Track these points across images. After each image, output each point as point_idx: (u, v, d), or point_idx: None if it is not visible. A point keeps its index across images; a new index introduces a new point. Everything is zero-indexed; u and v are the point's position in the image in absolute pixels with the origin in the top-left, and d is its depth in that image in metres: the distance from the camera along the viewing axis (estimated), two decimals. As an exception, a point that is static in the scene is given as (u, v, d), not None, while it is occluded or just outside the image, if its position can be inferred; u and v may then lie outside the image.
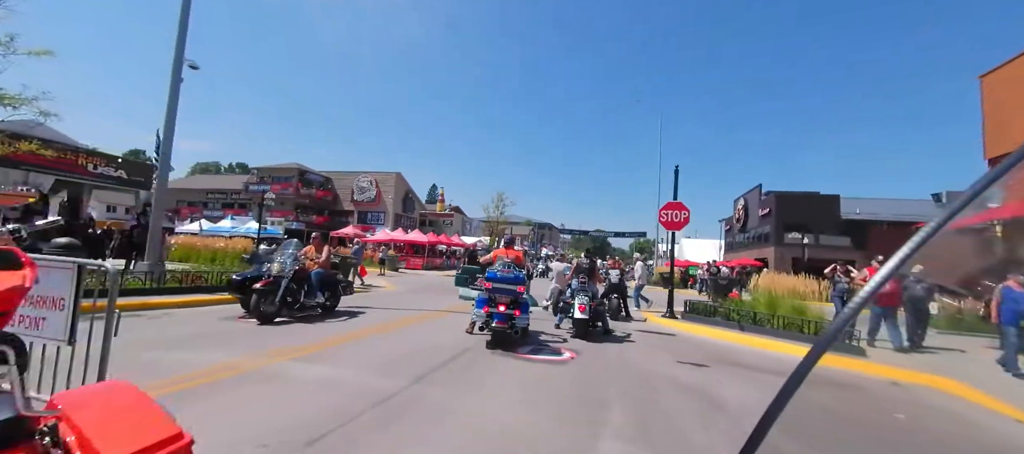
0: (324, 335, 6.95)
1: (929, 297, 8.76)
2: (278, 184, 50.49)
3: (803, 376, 0.59)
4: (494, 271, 6.69)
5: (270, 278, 7.78)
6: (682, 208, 12.00)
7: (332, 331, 7.40)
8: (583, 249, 10.56)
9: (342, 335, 7.04)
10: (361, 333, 7.32)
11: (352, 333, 7.29)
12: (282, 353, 5.58)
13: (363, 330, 7.55)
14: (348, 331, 7.47)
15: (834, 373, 7.48)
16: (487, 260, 7.56)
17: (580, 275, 8.32)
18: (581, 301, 7.92)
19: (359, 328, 7.78)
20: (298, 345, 6.10)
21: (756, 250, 36.07)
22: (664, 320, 11.57)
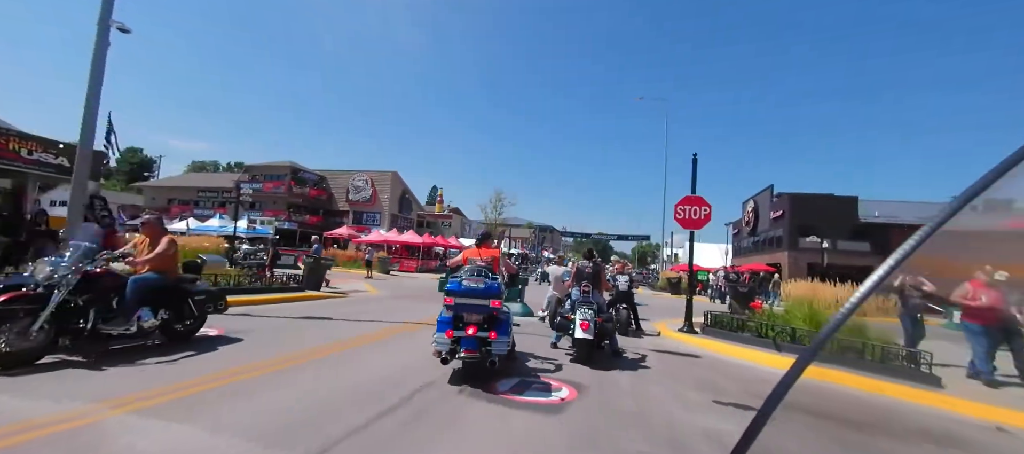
0: (200, 372, 4.60)
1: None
2: (271, 182, 49.01)
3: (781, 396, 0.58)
4: (457, 280, 4.96)
5: (34, 289, 4.68)
6: (702, 203, 10.25)
7: (214, 365, 4.93)
8: (584, 250, 8.47)
9: (221, 373, 4.60)
10: (265, 367, 4.98)
11: (241, 370, 4.78)
12: (115, 404, 3.79)
13: (280, 359, 5.45)
14: (233, 365, 4.91)
15: (921, 416, 5.73)
16: (455, 263, 5.83)
17: (582, 282, 6.58)
18: (583, 316, 6.18)
19: (268, 358, 5.34)
20: (144, 391, 3.99)
21: (768, 255, 34.25)
22: (682, 336, 9.80)
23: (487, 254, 5.56)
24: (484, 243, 5.81)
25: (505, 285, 6.18)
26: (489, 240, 5.84)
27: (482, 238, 5.87)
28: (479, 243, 5.81)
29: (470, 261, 5.60)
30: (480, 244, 5.79)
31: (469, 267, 5.26)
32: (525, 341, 7.66)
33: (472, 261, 5.57)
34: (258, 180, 49.68)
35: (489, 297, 4.81)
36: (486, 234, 5.93)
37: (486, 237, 5.87)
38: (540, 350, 7.09)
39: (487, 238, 5.85)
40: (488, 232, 5.96)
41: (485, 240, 5.83)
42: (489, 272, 5.09)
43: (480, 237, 5.88)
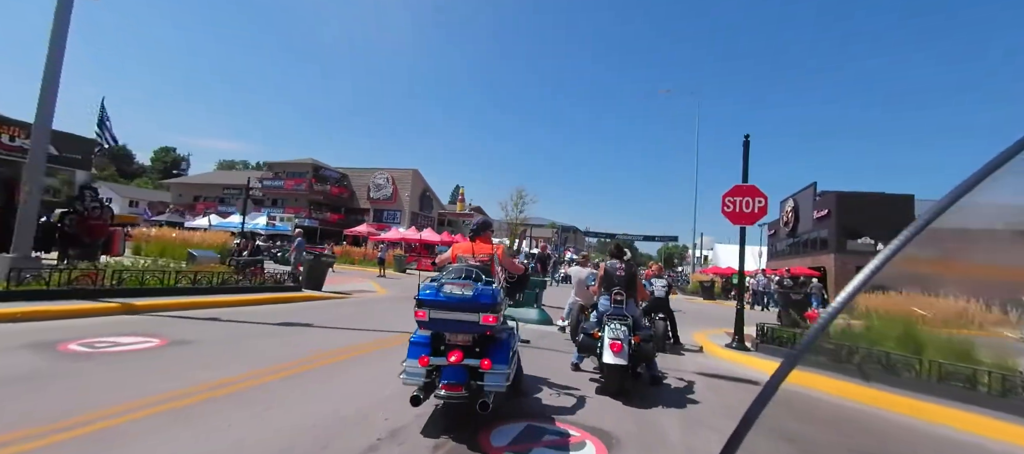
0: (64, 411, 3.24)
1: None
2: (292, 180, 48.81)
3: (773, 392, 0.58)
4: (433, 287, 3.50)
5: None
6: (755, 193, 8.54)
7: (95, 399, 3.61)
8: (611, 247, 6.90)
9: (94, 413, 3.20)
10: (170, 400, 3.67)
11: (129, 406, 3.44)
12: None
13: (202, 387, 4.09)
14: (128, 398, 3.58)
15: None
16: (444, 260, 4.38)
17: (613, 289, 5.01)
18: (614, 335, 4.63)
19: (186, 387, 4.00)
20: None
21: (810, 258, 31.70)
22: (731, 353, 8.12)
23: (483, 250, 4.09)
24: (479, 235, 4.34)
25: (511, 289, 4.72)
26: (486, 231, 4.38)
27: (477, 229, 4.38)
28: (474, 235, 4.34)
29: (460, 259, 4.15)
30: (475, 236, 4.31)
31: (456, 267, 3.80)
32: (539, 359, 6.16)
33: (463, 259, 4.12)
34: (280, 178, 49.63)
35: (480, 310, 3.34)
36: (483, 223, 4.46)
37: (482, 228, 4.39)
38: (558, 372, 5.58)
39: (484, 229, 4.38)
40: (486, 221, 4.49)
41: (481, 232, 4.36)
42: (483, 274, 3.62)
43: (475, 228, 4.41)
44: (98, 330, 5.82)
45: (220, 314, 7.90)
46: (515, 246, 39.89)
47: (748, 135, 8.72)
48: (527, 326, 9.40)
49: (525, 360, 5.48)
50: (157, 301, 7.96)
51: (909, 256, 0.56)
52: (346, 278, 18.66)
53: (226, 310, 8.37)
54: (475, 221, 4.49)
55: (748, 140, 8.71)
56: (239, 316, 7.89)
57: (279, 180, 49.35)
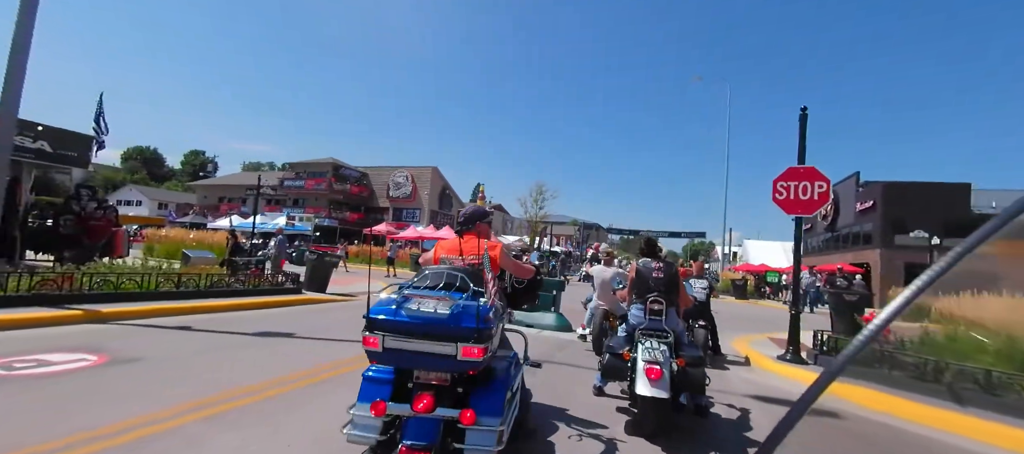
0: None
1: None
2: (313, 179, 48.78)
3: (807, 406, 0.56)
4: (390, 301, 2.37)
5: None
6: (815, 177, 7.18)
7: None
8: (641, 242, 4.92)
9: None
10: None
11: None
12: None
13: (84, 437, 3.06)
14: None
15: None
16: (426, 261, 3.30)
17: (649, 297, 3.81)
18: (651, 357, 3.46)
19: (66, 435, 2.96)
20: None
21: (851, 253, 29.49)
22: (786, 367, 6.82)
23: (474, 249, 2.99)
24: (470, 229, 3.22)
25: (519, 298, 3.62)
26: (479, 223, 3.27)
27: (467, 220, 3.25)
28: (462, 229, 3.22)
29: (443, 261, 3.06)
30: (464, 230, 3.20)
31: (433, 271, 2.70)
32: (554, 378, 5.03)
33: (447, 261, 3.03)
34: (301, 177, 49.67)
35: (459, 338, 2.21)
36: (474, 213, 3.33)
37: (474, 218, 3.27)
38: (578, 398, 4.45)
39: (476, 219, 3.25)
40: (479, 210, 3.37)
41: (471, 224, 3.24)
42: (470, 282, 2.52)
43: (463, 219, 3.29)
44: (31, 345, 4.95)
45: (196, 322, 7.03)
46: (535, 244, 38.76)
47: (805, 107, 7.36)
48: (543, 333, 8.26)
49: (537, 379, 4.37)
50: (129, 308, 7.14)
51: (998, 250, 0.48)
52: (358, 278, 17.88)
53: (206, 317, 7.51)
54: (464, 210, 3.37)
55: (806, 113, 7.35)
56: (217, 324, 7.00)
57: (300, 180, 49.38)
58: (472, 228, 3.25)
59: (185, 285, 8.71)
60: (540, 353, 6.46)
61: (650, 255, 4.13)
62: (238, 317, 7.75)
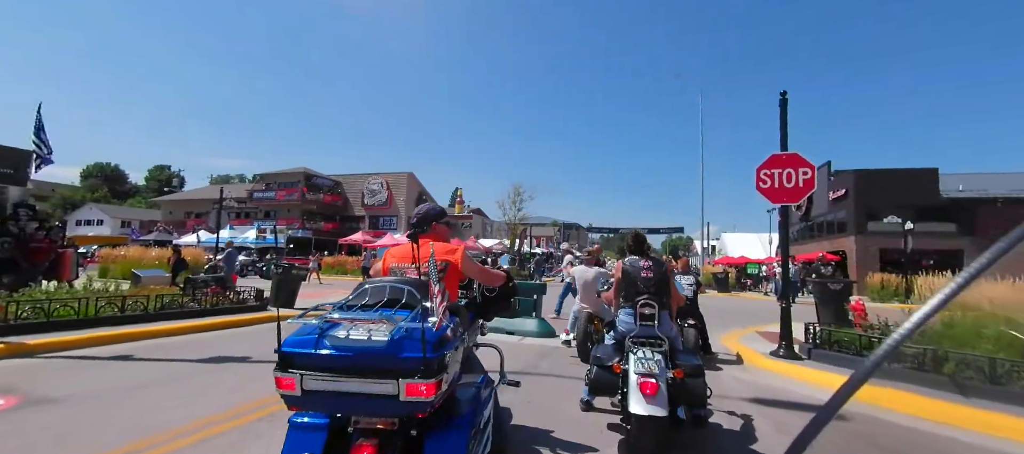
0: None
1: None
2: (284, 190, 47.39)
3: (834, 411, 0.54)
4: (312, 329, 1.84)
5: None
6: (800, 163, 6.90)
7: None
8: (627, 239, 4.13)
9: None
10: None
11: None
12: None
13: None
14: None
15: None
16: (377, 272, 2.80)
17: (639, 301, 3.38)
18: (645, 369, 3.01)
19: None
20: None
21: (827, 241, 29.92)
22: (780, 364, 6.50)
23: (426, 254, 2.51)
24: (425, 231, 2.73)
25: (490, 309, 3.15)
26: (436, 224, 2.78)
27: (420, 222, 2.76)
28: (415, 232, 2.72)
29: (393, 271, 2.56)
30: (416, 235, 2.71)
31: (374, 286, 2.19)
32: (537, 391, 4.56)
33: (398, 271, 2.54)
34: (271, 188, 48.21)
35: (402, 372, 1.70)
36: (428, 213, 2.84)
37: (428, 220, 2.77)
38: (564, 414, 3.99)
39: (431, 221, 2.76)
40: (433, 209, 2.88)
41: (425, 226, 2.73)
42: (420, 296, 2.02)
43: (417, 221, 2.79)
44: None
45: (140, 350, 6.33)
46: (515, 246, 38.29)
47: (785, 92, 7.08)
48: (525, 340, 7.80)
49: (518, 394, 3.89)
50: (63, 337, 6.38)
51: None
52: (332, 291, 17.12)
53: (153, 343, 6.80)
54: (417, 209, 2.87)
55: (786, 98, 7.07)
56: (165, 351, 6.31)
57: (270, 191, 47.94)
58: (428, 230, 2.76)
59: (131, 309, 7.94)
60: (521, 363, 5.98)
61: (638, 252, 3.68)
62: (190, 341, 7.06)
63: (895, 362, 6.13)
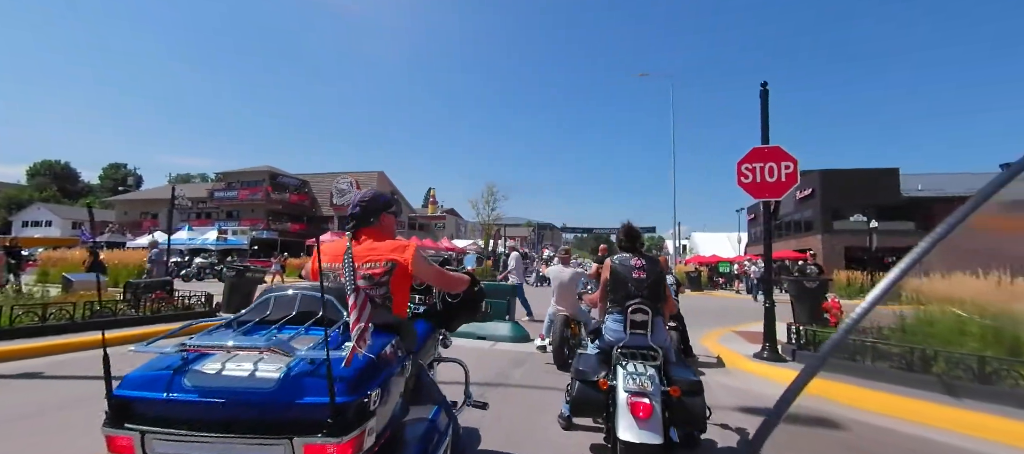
0: None
1: None
2: (247, 189, 45.52)
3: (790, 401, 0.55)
4: (166, 363, 1.31)
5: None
6: (782, 156, 6.64)
7: None
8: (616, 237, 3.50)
9: None
10: None
11: None
12: None
13: None
14: None
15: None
16: (308, 272, 2.25)
17: (629, 305, 2.91)
18: (637, 387, 2.54)
19: None
20: None
21: (795, 240, 30.56)
22: (765, 367, 6.19)
23: (374, 254, 1.99)
24: (367, 224, 2.19)
25: (452, 316, 2.65)
26: (384, 215, 2.24)
27: (363, 213, 2.21)
28: (356, 226, 2.19)
29: (325, 274, 2.02)
30: (359, 226, 2.19)
31: (279, 297, 1.64)
32: (510, 406, 4.05)
33: (329, 274, 2.00)
34: (233, 187, 46.21)
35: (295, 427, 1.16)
36: (377, 200, 2.27)
37: (372, 211, 2.21)
38: (540, 432, 3.51)
39: (379, 211, 2.23)
40: (384, 197, 2.33)
41: (367, 219, 2.19)
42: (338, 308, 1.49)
43: (358, 211, 2.22)
44: None
45: (56, 366, 5.54)
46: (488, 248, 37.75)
47: (766, 82, 6.81)
48: (497, 346, 7.29)
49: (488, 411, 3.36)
50: (-38, 352, 5.52)
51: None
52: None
53: (76, 357, 6.01)
54: (358, 195, 2.28)
55: (767, 89, 6.80)
56: (86, 366, 5.52)
57: (232, 190, 45.97)
58: (372, 223, 2.20)
59: (54, 318, 7.05)
60: (493, 372, 5.46)
61: (629, 249, 3.21)
62: (118, 355, 6.24)
63: (878, 361, 5.94)
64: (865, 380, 5.59)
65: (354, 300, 1.35)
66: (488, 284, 11.70)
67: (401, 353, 1.70)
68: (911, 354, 5.76)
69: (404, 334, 1.81)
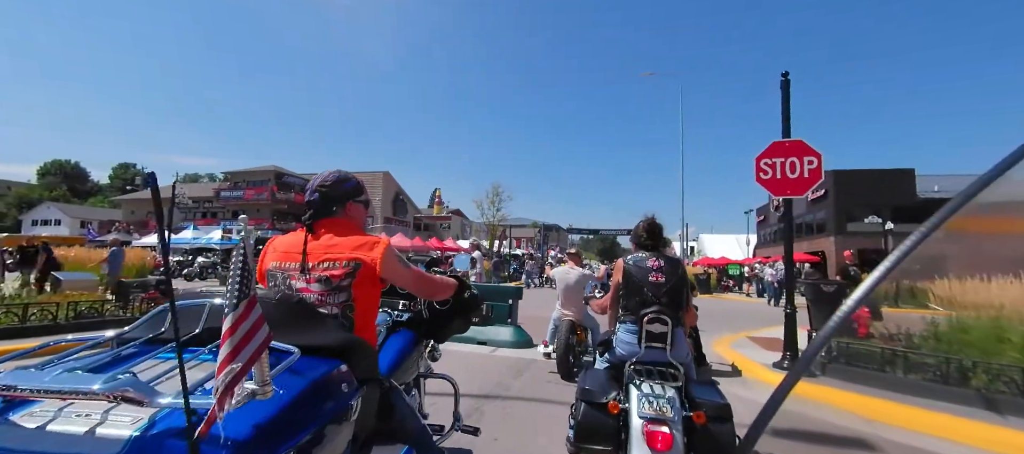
0: None
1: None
2: (253, 189, 45.49)
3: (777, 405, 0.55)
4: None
5: None
6: (805, 151, 6.20)
7: None
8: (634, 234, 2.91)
9: None
10: None
11: None
12: None
13: None
14: None
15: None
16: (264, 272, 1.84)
17: (645, 314, 2.45)
18: (653, 411, 2.15)
19: None
20: None
21: (806, 242, 29.88)
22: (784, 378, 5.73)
23: (334, 252, 1.62)
24: (328, 214, 1.76)
25: (439, 326, 2.27)
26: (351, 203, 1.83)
27: (326, 201, 1.75)
28: (316, 215, 1.75)
29: (271, 275, 1.66)
30: (318, 217, 1.75)
31: (188, 306, 1.25)
32: (509, 424, 3.64)
33: (276, 276, 1.65)
34: (239, 187, 46.21)
35: None
36: (341, 185, 1.79)
37: (339, 197, 1.77)
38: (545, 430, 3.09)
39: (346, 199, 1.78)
40: (352, 182, 1.85)
41: (330, 208, 1.76)
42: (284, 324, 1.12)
43: (319, 198, 1.75)
44: None
45: (27, 370, 5.18)
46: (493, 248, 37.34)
47: (787, 72, 6.37)
48: (498, 352, 6.88)
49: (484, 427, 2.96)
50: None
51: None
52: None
53: (50, 360, 5.65)
54: (317, 179, 1.85)
55: (788, 79, 6.35)
56: (58, 371, 5.18)
57: (238, 190, 45.95)
58: (335, 213, 1.81)
59: (36, 319, 6.75)
60: (491, 382, 5.06)
61: (648, 246, 2.77)
62: (99, 357, 5.92)
63: (910, 374, 5.48)
64: (895, 393, 5.15)
65: (231, 319, 0.94)
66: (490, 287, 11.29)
67: (349, 385, 1.31)
68: (946, 365, 5.29)
69: (356, 357, 1.42)
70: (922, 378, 5.32)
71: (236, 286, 0.94)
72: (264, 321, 0.96)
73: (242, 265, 0.97)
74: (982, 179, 0.49)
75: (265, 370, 0.95)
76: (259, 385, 0.94)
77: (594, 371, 2.70)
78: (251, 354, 0.93)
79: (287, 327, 1.26)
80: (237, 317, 0.94)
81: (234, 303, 0.95)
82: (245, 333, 0.93)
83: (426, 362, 2.68)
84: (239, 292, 0.95)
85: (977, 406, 4.83)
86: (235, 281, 0.95)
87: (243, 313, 0.95)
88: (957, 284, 7.12)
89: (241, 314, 0.94)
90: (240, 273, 0.96)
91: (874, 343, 5.92)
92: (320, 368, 1.20)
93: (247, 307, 0.95)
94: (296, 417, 1.03)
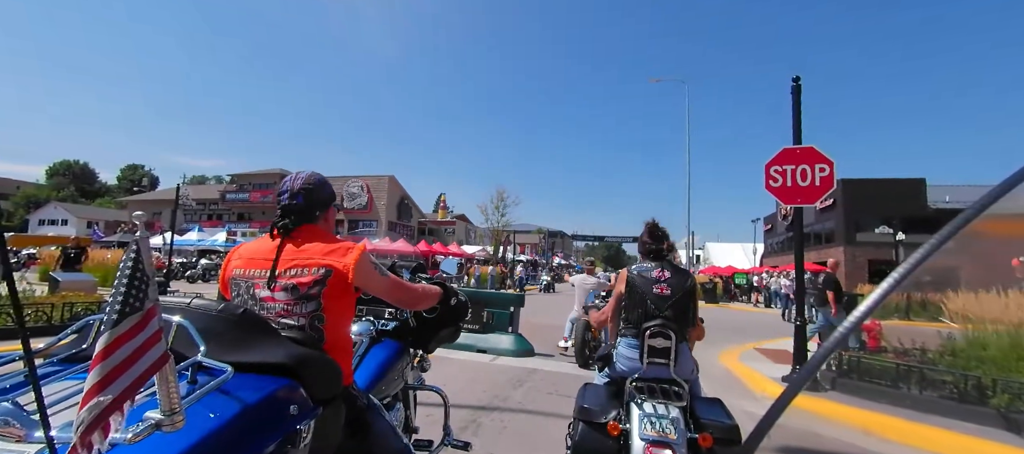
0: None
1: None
2: (258, 191, 45.72)
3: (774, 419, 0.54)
4: None
5: None
6: (816, 158, 6.01)
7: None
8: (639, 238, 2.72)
9: None
10: None
11: None
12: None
13: None
14: None
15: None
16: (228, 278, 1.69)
17: (647, 327, 2.26)
18: (656, 433, 1.98)
19: None
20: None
21: (814, 252, 29.46)
22: (800, 396, 5.52)
23: (306, 259, 1.49)
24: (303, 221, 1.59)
25: (427, 336, 2.13)
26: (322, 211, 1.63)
27: (305, 207, 1.59)
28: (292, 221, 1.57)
29: (234, 283, 1.53)
30: (293, 224, 1.57)
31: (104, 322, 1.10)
32: (505, 439, 3.46)
33: (240, 284, 1.53)
34: (245, 190, 46.45)
35: None
36: (318, 188, 1.64)
37: (324, 203, 1.67)
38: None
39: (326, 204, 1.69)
40: (329, 190, 1.71)
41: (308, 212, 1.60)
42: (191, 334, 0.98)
43: (290, 202, 1.59)
44: None
45: (15, 372, 5.07)
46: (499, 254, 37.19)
47: (798, 77, 6.19)
48: (498, 361, 6.72)
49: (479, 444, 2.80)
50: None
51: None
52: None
53: (40, 362, 5.54)
54: (290, 180, 1.66)
55: (799, 85, 6.18)
56: (46, 373, 5.07)
57: (244, 192, 46.21)
58: (317, 218, 1.65)
59: (30, 320, 6.66)
60: (490, 393, 4.89)
61: (653, 253, 2.60)
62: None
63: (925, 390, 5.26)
64: (908, 410, 4.94)
65: (107, 338, 0.77)
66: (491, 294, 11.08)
67: (299, 407, 1.16)
68: (964, 382, 5.06)
69: (312, 373, 1.26)
70: (938, 395, 5.10)
71: (120, 297, 0.79)
72: (160, 338, 0.81)
73: (131, 271, 0.81)
74: (997, 190, 0.47)
75: (173, 395, 0.80)
76: (165, 414, 0.79)
77: (593, 387, 2.53)
78: (131, 381, 0.77)
79: (227, 342, 1.12)
80: (116, 336, 0.77)
81: (114, 319, 0.78)
82: (127, 356, 0.77)
83: (416, 373, 2.54)
84: (123, 304, 0.79)
85: (997, 426, 4.62)
86: (119, 291, 0.80)
87: (129, 331, 0.78)
88: (971, 297, 6.89)
89: (125, 332, 0.78)
90: (128, 281, 0.80)
91: (887, 358, 5.68)
92: (259, 388, 1.06)
93: (138, 323, 0.79)
94: (219, 449, 0.89)
